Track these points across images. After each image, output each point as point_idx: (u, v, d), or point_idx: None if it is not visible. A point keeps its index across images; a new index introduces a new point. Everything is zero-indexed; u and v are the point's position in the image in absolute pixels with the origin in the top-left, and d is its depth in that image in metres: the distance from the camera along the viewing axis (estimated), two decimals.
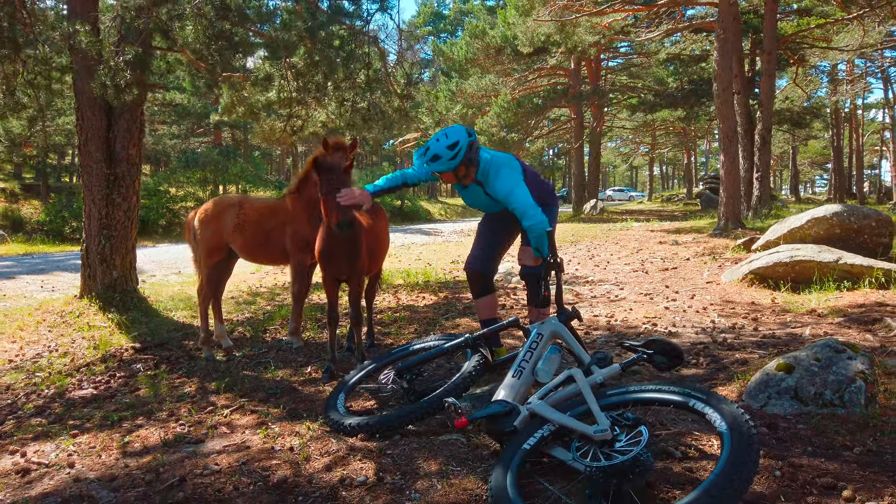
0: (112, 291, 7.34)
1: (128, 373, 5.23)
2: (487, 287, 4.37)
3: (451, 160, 3.74)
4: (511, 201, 3.79)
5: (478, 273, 4.33)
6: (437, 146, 3.76)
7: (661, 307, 6.45)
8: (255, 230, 5.41)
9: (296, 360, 5.15)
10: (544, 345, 3.32)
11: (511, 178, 3.86)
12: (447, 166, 3.75)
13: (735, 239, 11.66)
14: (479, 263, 4.34)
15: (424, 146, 3.87)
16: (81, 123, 7.39)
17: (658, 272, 8.58)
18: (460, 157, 3.74)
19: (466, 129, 3.87)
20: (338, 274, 4.42)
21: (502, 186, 3.83)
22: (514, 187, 3.80)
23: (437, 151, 3.74)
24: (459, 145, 3.74)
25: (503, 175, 3.88)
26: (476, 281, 4.36)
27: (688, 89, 23.88)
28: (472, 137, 3.84)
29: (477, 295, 4.39)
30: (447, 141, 3.75)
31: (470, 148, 3.80)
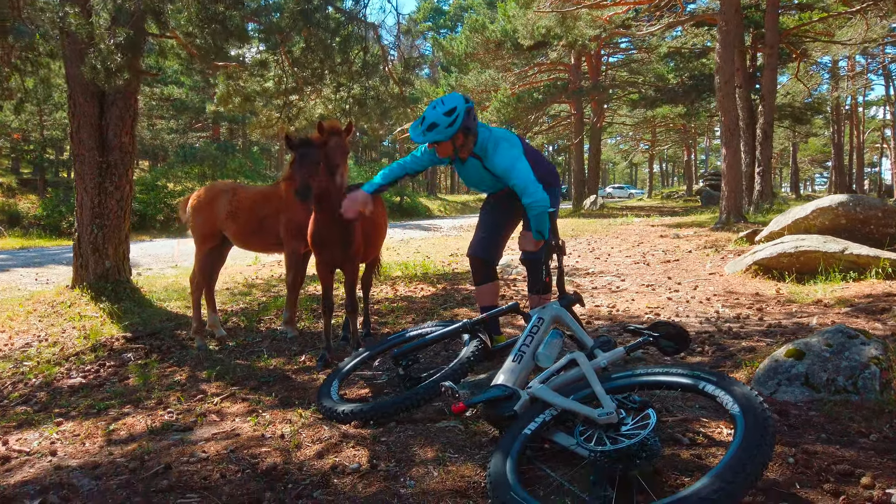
0: (104, 281, 7.21)
1: (118, 362, 5.11)
2: (489, 274, 4.24)
3: (448, 127, 3.59)
4: (511, 176, 3.65)
5: (480, 260, 4.21)
6: (434, 114, 3.62)
7: (663, 298, 6.32)
8: (249, 217, 5.28)
9: (290, 349, 5.02)
10: (545, 329, 3.19)
11: (511, 153, 3.72)
12: (444, 134, 3.61)
13: (737, 232, 11.54)
14: (481, 250, 4.21)
15: (420, 117, 3.73)
16: (73, 110, 7.25)
17: (660, 264, 8.46)
18: (458, 123, 3.59)
19: (463, 97, 3.73)
20: (332, 261, 4.29)
21: (501, 160, 3.69)
22: (514, 161, 3.67)
23: (434, 119, 3.60)
24: (457, 111, 3.59)
25: (503, 148, 3.74)
26: (478, 268, 4.23)
27: (689, 85, 23.72)
28: (469, 104, 3.70)
29: (478, 282, 4.26)
30: (444, 108, 3.61)
31: (468, 114, 3.65)
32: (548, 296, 3.97)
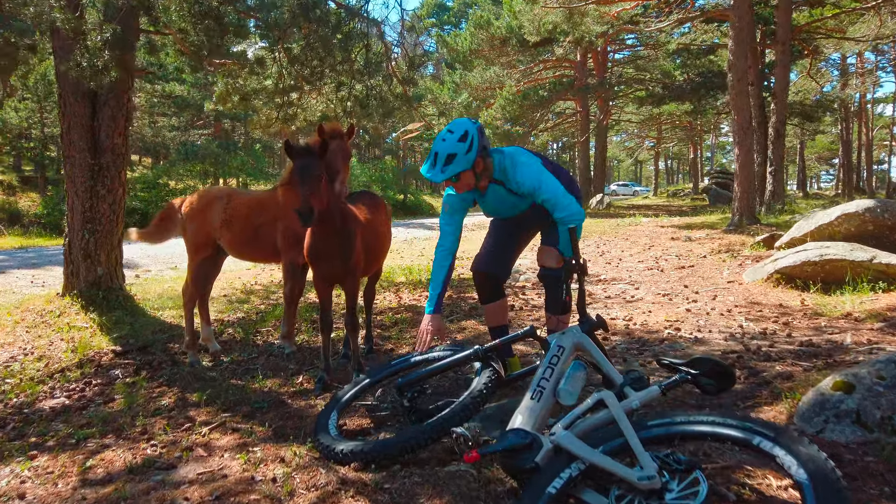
0: (96, 289, 6.91)
1: (105, 380, 4.81)
2: (497, 291, 3.93)
3: (468, 153, 3.32)
4: (541, 192, 3.39)
5: (487, 275, 3.88)
6: (447, 145, 3.33)
7: (681, 309, 6.00)
8: (244, 225, 4.97)
9: (287, 367, 4.71)
10: (566, 360, 2.87)
11: (533, 167, 3.47)
12: (466, 161, 3.32)
13: (751, 235, 11.20)
14: (490, 264, 3.88)
15: (431, 154, 3.41)
16: (64, 110, 6.95)
17: (674, 270, 8.13)
18: (476, 146, 3.33)
19: (468, 119, 3.47)
20: (330, 275, 3.98)
21: (526, 177, 3.42)
22: (539, 175, 3.42)
23: (450, 149, 3.31)
24: (470, 134, 3.34)
25: (524, 165, 3.48)
26: (485, 284, 3.91)
27: (697, 82, 23.33)
28: (477, 123, 3.45)
29: (485, 300, 3.95)
30: (455, 135, 3.34)
31: (481, 134, 3.41)
32: (567, 317, 3.66)
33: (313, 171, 3.54)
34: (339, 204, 3.87)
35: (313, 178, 3.53)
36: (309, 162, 3.56)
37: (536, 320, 5.75)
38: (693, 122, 39.70)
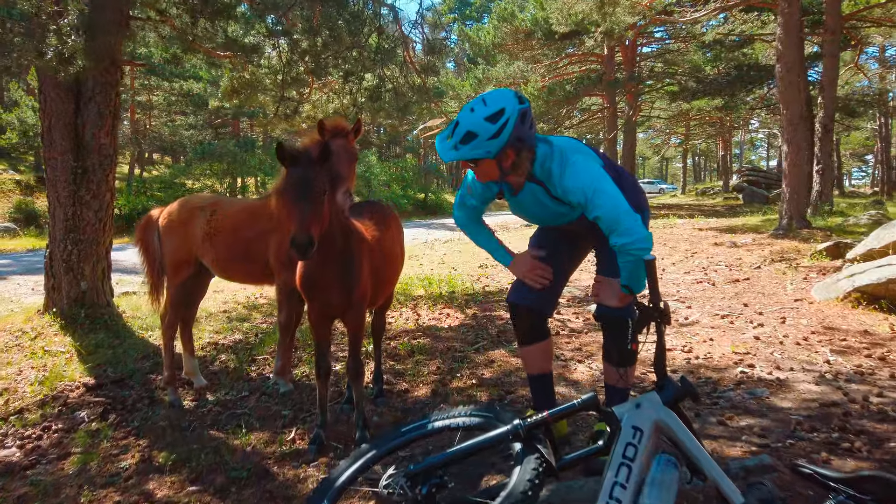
0: (79, 307, 6.18)
1: (67, 424, 4.05)
2: (540, 330, 3.08)
3: (492, 138, 2.46)
4: (596, 205, 2.51)
5: (529, 311, 3.04)
6: (472, 118, 2.48)
7: (748, 336, 5.09)
8: (231, 240, 4.18)
9: (279, 413, 3.91)
10: (646, 449, 2.02)
11: (589, 170, 2.57)
12: (487, 148, 2.48)
13: (804, 241, 10.20)
14: (532, 296, 3.03)
15: (452, 123, 2.57)
16: (44, 107, 6.23)
17: (727, 284, 7.19)
18: (507, 133, 2.46)
19: (515, 93, 2.56)
20: (329, 309, 3.17)
21: (577, 182, 2.54)
22: (595, 182, 2.52)
23: (472, 126, 2.47)
24: (506, 115, 2.46)
25: (575, 165, 2.58)
26: (525, 322, 3.07)
27: (734, 75, 22.16)
28: (524, 104, 2.53)
29: (524, 341, 3.10)
30: (486, 109, 2.47)
31: (522, 120, 2.50)
32: (632, 371, 2.80)
33: (314, 186, 2.72)
34: (341, 220, 3.05)
35: (314, 196, 2.72)
36: (308, 174, 2.74)
37: (578, 351, 4.89)
38: (723, 117, 38.33)
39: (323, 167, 2.83)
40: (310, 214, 2.68)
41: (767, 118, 38.90)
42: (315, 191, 2.73)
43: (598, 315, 2.84)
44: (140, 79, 27.88)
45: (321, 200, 2.76)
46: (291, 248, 2.65)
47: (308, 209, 2.68)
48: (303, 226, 2.64)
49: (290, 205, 2.73)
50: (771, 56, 23.94)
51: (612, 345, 2.85)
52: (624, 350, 2.74)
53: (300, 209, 2.68)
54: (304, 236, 2.62)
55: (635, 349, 2.66)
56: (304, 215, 2.67)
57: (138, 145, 29.21)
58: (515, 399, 3.85)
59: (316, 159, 2.81)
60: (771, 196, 26.05)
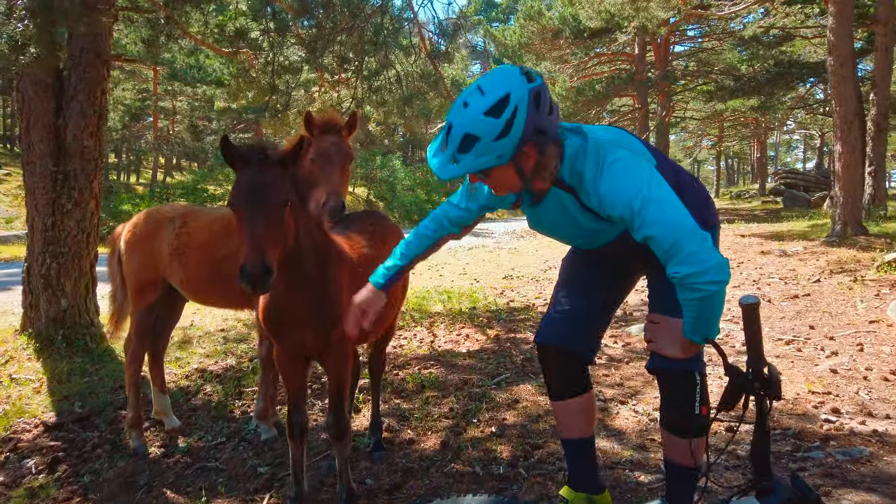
0: (58, 327, 5.58)
1: (10, 476, 3.41)
2: (579, 381, 2.32)
3: (500, 137, 1.75)
4: (646, 221, 1.76)
5: (562, 353, 2.29)
6: (466, 116, 1.78)
7: (822, 368, 4.27)
8: (202, 257, 3.49)
9: (255, 470, 3.20)
10: None
11: (638, 172, 1.84)
12: (497, 153, 1.77)
13: (862, 249, 9.24)
14: (569, 335, 2.28)
15: (444, 128, 1.87)
16: (22, 106, 5.65)
17: (786, 301, 6.33)
18: (519, 126, 1.75)
19: (521, 69, 1.83)
20: (299, 348, 2.46)
21: (621, 189, 1.81)
22: (647, 190, 1.78)
23: (469, 127, 1.77)
24: (512, 102, 1.74)
25: (619, 166, 1.85)
26: (559, 367, 2.32)
27: (774, 72, 21.04)
28: (535, 82, 1.80)
29: (558, 393, 2.34)
30: (484, 100, 1.76)
31: (535, 103, 1.77)
32: (700, 443, 2.03)
33: (270, 195, 2.03)
34: (314, 236, 2.35)
35: (271, 208, 2.03)
36: (262, 178, 2.05)
37: (619, 388, 4.11)
38: (759, 118, 36.92)
39: (285, 170, 2.13)
40: (264, 234, 1.98)
41: (806, 118, 37.41)
42: (272, 201, 2.03)
43: (653, 369, 2.08)
44: (163, 84, 27.72)
45: (281, 213, 2.06)
46: (240, 279, 1.95)
47: (262, 226, 1.98)
48: (254, 249, 1.95)
49: (239, 220, 2.03)
50: (812, 53, 22.79)
51: (673, 409, 2.09)
52: (690, 416, 1.98)
53: (251, 226, 1.98)
54: (257, 263, 1.93)
55: (705, 414, 1.93)
56: (256, 235, 1.97)
57: (161, 151, 29.06)
58: (545, 457, 3.10)
59: (275, 160, 2.11)
60: (813, 199, 24.80)
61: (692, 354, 1.98)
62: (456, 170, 1.82)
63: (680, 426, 2.07)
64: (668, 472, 2.19)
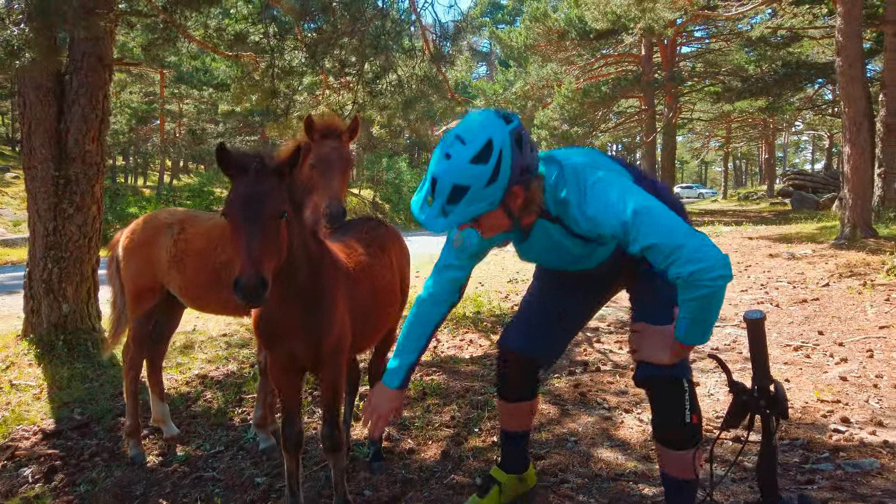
0: (59, 332, 5.56)
1: (6, 486, 3.38)
2: (531, 387, 2.47)
3: (490, 184, 1.76)
4: (642, 232, 1.76)
5: (525, 361, 2.39)
6: (452, 167, 1.78)
7: (831, 375, 4.19)
8: (200, 264, 3.45)
9: (252, 480, 3.16)
10: None
11: (621, 188, 1.85)
12: (488, 200, 1.79)
13: (872, 252, 9.13)
14: (531, 344, 2.38)
15: (425, 180, 1.87)
16: (23, 111, 5.64)
17: (794, 306, 6.25)
18: (505, 170, 1.76)
19: (496, 113, 1.84)
20: (291, 359, 2.41)
21: (608, 207, 1.83)
22: (634, 202, 1.81)
23: (457, 178, 1.77)
24: (496, 147, 1.75)
25: (601, 186, 1.87)
26: (516, 373, 2.43)
27: (782, 73, 20.90)
28: (513, 124, 1.80)
29: (512, 397, 2.47)
30: (467, 149, 1.76)
31: (517, 144, 1.78)
32: (696, 455, 1.99)
33: (266, 206, 1.99)
34: (308, 245, 2.30)
35: (267, 220, 1.98)
36: (259, 189, 2.01)
37: (623, 396, 4.04)
38: (767, 119, 36.71)
39: (282, 179, 2.08)
40: (260, 246, 1.94)
41: (815, 119, 37.22)
42: (268, 212, 1.98)
43: (641, 379, 2.07)
44: (170, 87, 27.79)
45: (277, 225, 2.01)
46: (234, 292, 1.91)
47: (257, 238, 1.94)
48: (251, 262, 1.90)
49: (234, 231, 1.99)
50: (821, 53, 22.64)
51: (665, 419, 2.06)
52: (682, 426, 1.96)
53: (247, 237, 1.93)
54: (253, 277, 1.88)
55: (696, 423, 1.93)
56: (251, 247, 1.92)
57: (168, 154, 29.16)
58: (548, 468, 3.04)
59: (272, 168, 2.07)
60: (822, 201, 24.61)
61: (679, 360, 1.98)
62: (448, 221, 1.83)
63: (673, 438, 2.05)
64: (667, 486, 2.17)
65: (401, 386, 2.22)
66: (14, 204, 23.79)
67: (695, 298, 1.75)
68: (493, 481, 2.59)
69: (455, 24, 4.88)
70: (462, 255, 2.21)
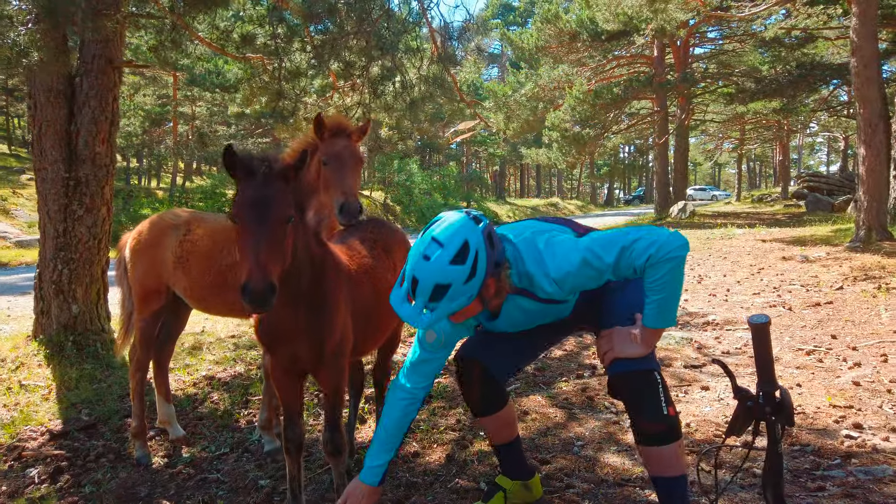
0: (69, 333, 5.58)
1: (12, 486, 3.39)
2: (498, 398, 2.51)
3: (469, 280, 1.96)
4: (611, 265, 2.02)
5: (484, 372, 2.45)
6: (432, 269, 1.93)
7: (844, 380, 4.12)
8: (206, 265, 3.46)
9: (256, 483, 3.15)
10: None
11: (566, 241, 2.13)
12: (467, 294, 1.98)
13: (888, 255, 9.00)
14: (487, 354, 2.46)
15: (405, 278, 2.02)
16: (34, 113, 5.66)
17: (807, 309, 6.16)
18: (482, 268, 1.98)
19: (465, 213, 2.04)
20: (292, 361, 2.39)
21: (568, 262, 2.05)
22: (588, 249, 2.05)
23: (438, 278, 1.92)
24: (472, 248, 1.96)
25: (553, 248, 2.10)
26: (476, 388, 2.48)
27: (795, 75, 20.70)
28: (483, 224, 2.05)
29: (480, 411, 2.52)
30: (445, 251, 1.95)
31: (489, 241, 2.03)
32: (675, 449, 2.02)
33: (274, 211, 1.98)
34: (310, 247, 2.28)
35: (275, 226, 1.98)
36: (267, 192, 2.00)
37: None
38: (781, 121, 36.36)
39: (288, 183, 2.07)
40: (268, 250, 1.92)
41: (829, 121, 36.83)
42: (276, 217, 1.97)
43: (615, 375, 2.13)
44: (183, 89, 27.96)
45: (284, 230, 2.01)
46: (242, 297, 1.90)
47: (265, 242, 1.93)
48: (259, 267, 1.88)
49: (242, 235, 1.97)
50: (836, 54, 22.40)
51: (645, 413, 2.08)
52: (660, 417, 2.00)
53: (255, 242, 1.92)
54: (261, 282, 1.87)
55: (673, 414, 1.99)
56: (259, 251, 1.91)
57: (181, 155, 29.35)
58: (553, 472, 3.00)
59: (279, 172, 2.05)
60: (837, 203, 24.32)
61: (652, 349, 2.09)
62: (431, 318, 1.97)
63: (656, 431, 2.06)
64: (658, 488, 2.17)
65: (379, 481, 2.30)
66: (29, 206, 24.02)
67: (662, 276, 1.94)
68: (499, 488, 2.63)
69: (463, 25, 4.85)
70: (433, 350, 2.32)
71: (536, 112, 22.70)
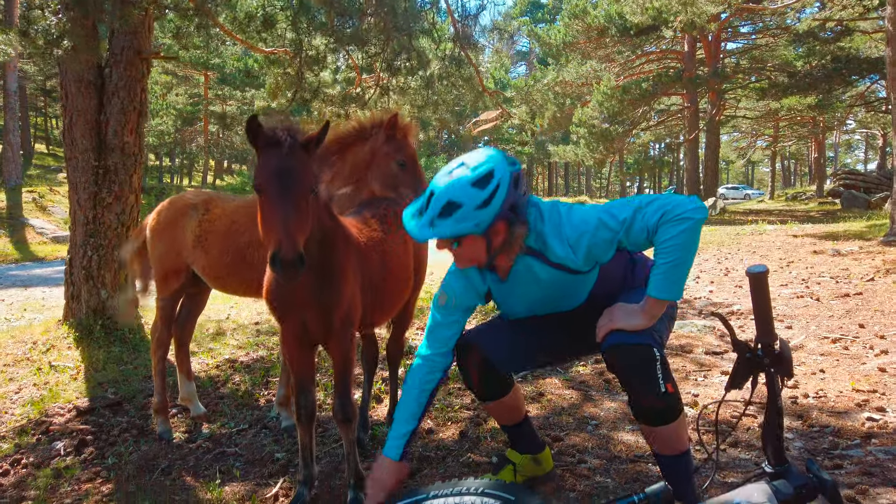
0: (97, 317, 5.72)
1: (38, 458, 3.49)
2: (500, 385, 2.42)
3: (481, 207, 1.90)
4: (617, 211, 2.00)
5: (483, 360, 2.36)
6: (451, 185, 1.91)
7: (870, 366, 4.03)
8: (224, 245, 3.51)
9: (273, 454, 3.20)
10: None
11: (584, 206, 2.15)
12: (475, 221, 1.90)
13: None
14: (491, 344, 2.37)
15: (424, 194, 2.00)
16: (65, 103, 5.83)
17: (835, 300, 6.03)
18: (499, 200, 1.91)
19: (504, 154, 1.99)
20: (304, 334, 2.43)
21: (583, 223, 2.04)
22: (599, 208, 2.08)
23: (453, 195, 1.89)
24: (496, 178, 1.92)
25: (572, 211, 2.11)
26: (477, 371, 2.39)
27: (830, 69, 20.25)
28: (516, 167, 1.99)
29: (484, 396, 2.45)
30: (469, 172, 1.92)
31: (515, 185, 1.96)
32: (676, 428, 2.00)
33: (301, 181, 2.03)
34: (323, 218, 2.31)
35: (301, 196, 2.02)
36: (293, 164, 2.04)
37: None
38: (816, 117, 35.59)
39: (309, 154, 2.11)
40: (295, 220, 1.96)
41: (867, 117, 35.94)
42: (303, 186, 2.02)
43: (608, 347, 2.06)
44: (213, 89, 28.46)
45: (308, 200, 2.05)
46: (274, 268, 1.93)
47: (293, 212, 1.97)
48: (288, 235, 1.92)
49: (268, 205, 2.01)
50: (873, 48, 21.85)
51: (639, 389, 2.02)
52: (659, 394, 1.97)
53: (283, 211, 1.96)
54: (291, 251, 1.91)
55: (672, 391, 1.96)
56: (288, 220, 1.95)
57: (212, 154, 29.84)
58: (566, 449, 3.00)
59: (302, 143, 2.09)
60: (873, 200, 23.72)
61: (654, 321, 2.03)
62: (432, 233, 1.94)
63: (654, 411, 2.01)
64: (662, 465, 2.14)
65: (402, 458, 2.21)
66: (65, 203, 24.64)
67: (674, 237, 1.89)
68: (508, 461, 2.63)
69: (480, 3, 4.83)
70: (447, 312, 2.26)
71: (563, 108, 22.59)
